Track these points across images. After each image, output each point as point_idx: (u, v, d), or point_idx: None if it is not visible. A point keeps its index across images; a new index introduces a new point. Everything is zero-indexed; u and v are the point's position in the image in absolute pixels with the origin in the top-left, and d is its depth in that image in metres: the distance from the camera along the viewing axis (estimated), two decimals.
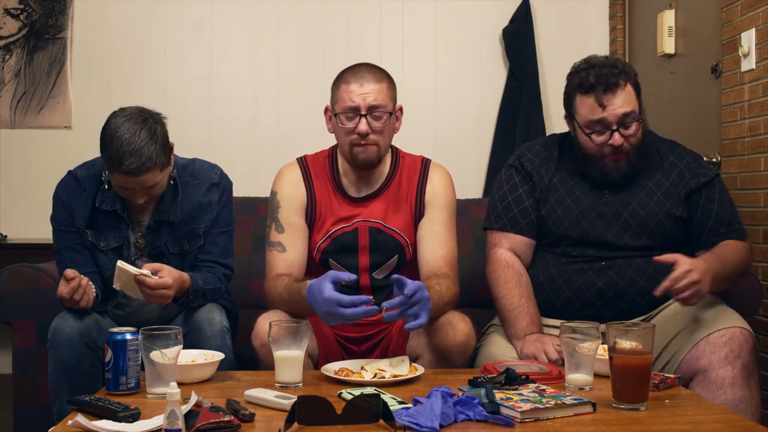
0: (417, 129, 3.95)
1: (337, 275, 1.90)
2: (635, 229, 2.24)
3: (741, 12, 2.93)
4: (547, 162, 2.35)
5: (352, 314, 1.84)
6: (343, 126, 2.16)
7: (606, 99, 2.16)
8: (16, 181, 4.13)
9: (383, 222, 2.23)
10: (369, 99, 2.13)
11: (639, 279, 2.21)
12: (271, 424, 1.53)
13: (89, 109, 4.05)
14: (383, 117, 2.16)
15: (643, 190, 2.28)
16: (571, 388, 1.77)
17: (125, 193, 2.16)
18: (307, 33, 4.23)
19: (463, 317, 2.05)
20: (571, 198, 2.29)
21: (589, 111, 2.19)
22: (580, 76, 2.21)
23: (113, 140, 2.05)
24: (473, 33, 4.27)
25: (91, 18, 4.16)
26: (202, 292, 2.18)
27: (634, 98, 2.20)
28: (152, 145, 2.06)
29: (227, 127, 4.20)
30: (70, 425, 1.51)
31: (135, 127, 2.06)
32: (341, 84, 2.18)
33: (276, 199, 2.26)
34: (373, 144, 2.16)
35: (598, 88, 2.17)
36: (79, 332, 2.09)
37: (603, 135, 2.20)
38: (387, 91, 2.18)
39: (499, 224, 2.33)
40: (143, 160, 2.04)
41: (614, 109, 2.16)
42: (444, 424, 1.50)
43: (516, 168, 2.38)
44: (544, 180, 2.32)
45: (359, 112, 2.14)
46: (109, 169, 2.11)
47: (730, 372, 2.00)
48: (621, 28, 4.15)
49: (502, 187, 2.38)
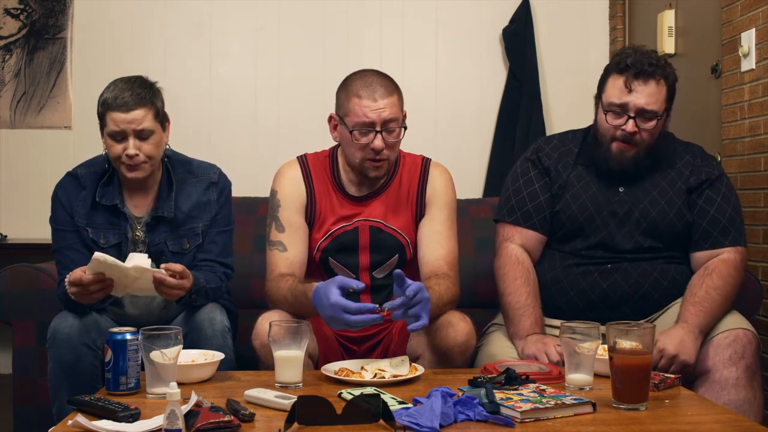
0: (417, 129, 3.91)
1: (344, 281, 1.89)
2: (645, 228, 2.22)
3: (741, 12, 2.93)
4: (565, 157, 2.32)
5: (358, 321, 1.84)
6: (357, 141, 2.13)
7: (635, 84, 2.14)
8: (16, 181, 4.13)
9: (384, 221, 2.23)
10: (384, 114, 2.10)
11: (644, 283, 2.20)
12: (271, 424, 1.53)
13: (89, 109, 3.97)
14: (396, 131, 2.14)
15: (656, 188, 2.25)
16: (571, 388, 1.77)
17: (117, 147, 2.16)
18: (307, 33, 4.23)
19: (464, 317, 2.05)
20: (587, 194, 2.26)
21: (616, 91, 2.17)
22: (620, 57, 2.20)
23: (110, 85, 2.20)
24: (473, 33, 4.27)
25: (91, 18, 4.16)
26: (204, 291, 2.18)
27: (663, 98, 2.16)
28: (146, 89, 2.20)
29: (227, 127, 4.20)
30: (70, 425, 1.51)
31: (131, 77, 2.23)
32: (352, 97, 2.12)
33: (276, 198, 2.25)
34: (385, 159, 2.15)
35: (631, 70, 2.14)
36: (79, 332, 2.09)
37: (619, 118, 2.17)
38: (398, 101, 2.15)
39: (512, 218, 2.31)
40: (136, 95, 2.15)
41: (639, 98, 2.14)
42: (444, 424, 1.50)
43: (533, 162, 2.34)
44: (562, 176, 2.29)
45: (374, 128, 2.11)
46: (104, 112, 2.17)
47: (733, 373, 2.00)
48: (621, 28, 4.15)
49: (517, 180, 2.34)
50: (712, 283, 2.14)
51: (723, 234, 2.20)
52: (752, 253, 2.87)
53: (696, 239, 2.23)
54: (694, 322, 2.07)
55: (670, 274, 2.22)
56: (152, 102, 2.19)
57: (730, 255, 2.19)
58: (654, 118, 2.16)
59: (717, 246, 2.20)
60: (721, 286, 2.14)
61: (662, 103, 2.17)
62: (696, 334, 2.05)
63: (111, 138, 2.17)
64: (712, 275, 2.15)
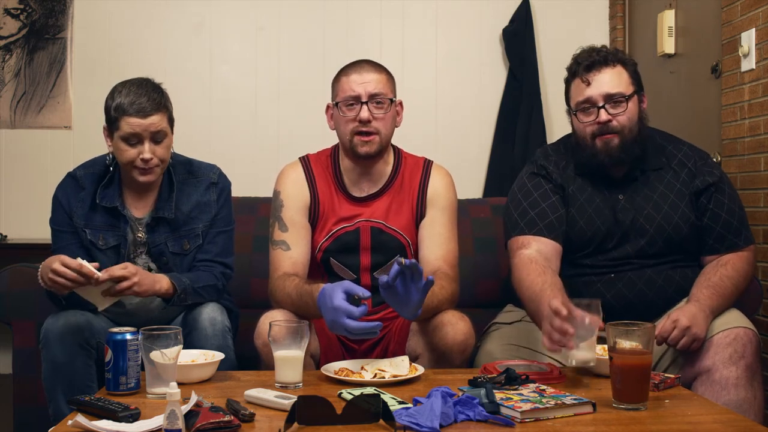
0: (417, 129, 3.95)
1: (351, 287, 1.88)
2: (652, 234, 2.21)
3: (741, 12, 2.93)
4: (566, 170, 2.30)
5: (357, 328, 1.84)
6: (344, 115, 2.18)
7: (590, 76, 2.17)
8: (16, 181, 4.13)
9: (385, 222, 2.23)
10: (369, 87, 2.16)
11: (648, 292, 2.20)
12: (271, 424, 1.53)
13: (89, 109, 4.05)
14: (384, 104, 2.17)
15: (656, 192, 2.24)
16: (573, 363, 1.78)
17: (131, 152, 2.15)
18: (307, 33, 4.24)
19: (462, 316, 2.05)
20: (592, 207, 2.24)
21: (578, 91, 2.20)
22: (570, 63, 2.25)
23: (122, 89, 2.17)
24: (473, 33, 4.27)
25: (91, 18, 4.16)
26: (192, 290, 2.17)
27: (626, 81, 2.17)
28: (159, 92, 2.20)
29: (227, 127, 4.20)
30: (70, 425, 1.51)
31: (141, 80, 2.21)
32: (341, 77, 2.21)
33: (279, 199, 2.26)
34: (375, 133, 2.17)
35: (582, 66, 2.19)
36: (71, 332, 2.08)
37: (590, 114, 2.18)
38: (387, 81, 2.21)
39: (534, 229, 2.20)
40: (153, 100, 2.15)
41: (599, 86, 2.16)
42: (444, 424, 1.50)
43: (544, 177, 2.29)
44: (567, 190, 2.27)
45: (360, 100, 2.16)
46: (118, 117, 2.14)
47: (734, 372, 1.99)
48: (621, 28, 4.15)
49: (530, 194, 2.26)
50: (726, 273, 2.16)
51: (736, 235, 2.23)
52: None
53: (711, 243, 2.23)
54: (707, 303, 2.08)
55: (675, 280, 2.21)
56: (166, 106, 2.21)
57: (743, 252, 2.23)
58: (623, 100, 2.16)
59: (733, 249, 2.22)
60: (734, 276, 2.16)
61: (627, 86, 2.17)
62: (707, 314, 2.06)
63: (125, 142, 2.16)
64: (727, 266, 2.18)
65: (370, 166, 2.24)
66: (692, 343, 2.02)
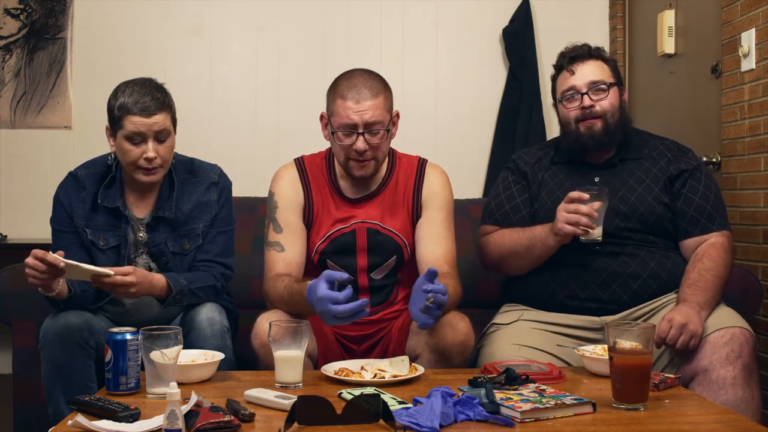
0: (417, 129, 3.95)
1: (331, 274, 1.90)
2: (625, 212, 2.27)
3: (741, 12, 2.93)
4: (541, 160, 2.43)
5: (343, 311, 1.84)
6: (340, 142, 2.14)
7: (575, 67, 2.32)
8: (16, 181, 4.13)
9: (381, 223, 2.23)
10: (366, 116, 2.10)
11: (631, 263, 2.24)
12: (271, 424, 1.53)
13: (89, 109, 4.05)
14: (380, 133, 2.14)
15: (632, 177, 2.32)
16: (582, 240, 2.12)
17: (135, 151, 2.15)
18: (307, 33, 4.23)
19: (462, 317, 2.05)
20: (561, 190, 2.31)
21: (563, 82, 2.35)
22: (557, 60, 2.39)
23: (126, 88, 2.17)
24: (473, 33, 4.27)
25: (91, 18, 4.16)
26: (189, 290, 2.17)
27: (608, 73, 2.32)
28: (162, 91, 2.21)
29: (227, 127, 4.20)
30: (70, 425, 1.51)
31: (144, 80, 2.22)
32: (337, 98, 2.13)
33: (274, 200, 2.26)
34: (370, 160, 2.16)
35: (566, 59, 2.35)
36: (69, 332, 2.08)
37: (575, 101, 2.31)
38: (384, 104, 2.14)
39: (491, 220, 2.41)
40: (157, 99, 2.16)
41: (583, 75, 2.30)
42: (444, 424, 1.50)
43: (510, 169, 2.47)
44: (538, 177, 2.39)
45: (356, 130, 2.12)
46: (122, 116, 2.14)
47: (731, 372, 2.00)
48: (621, 28, 4.15)
49: (497, 188, 2.48)
50: (703, 266, 2.21)
51: (710, 220, 2.28)
52: (752, 253, 2.87)
53: (684, 226, 2.29)
54: (694, 300, 2.12)
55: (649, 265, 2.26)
56: (170, 106, 2.21)
57: (717, 239, 2.27)
58: (605, 87, 2.30)
59: (705, 231, 2.27)
60: (712, 267, 2.20)
61: (609, 77, 2.32)
62: (698, 310, 2.09)
63: (128, 141, 2.16)
64: (703, 259, 2.23)
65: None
66: (690, 340, 2.03)
